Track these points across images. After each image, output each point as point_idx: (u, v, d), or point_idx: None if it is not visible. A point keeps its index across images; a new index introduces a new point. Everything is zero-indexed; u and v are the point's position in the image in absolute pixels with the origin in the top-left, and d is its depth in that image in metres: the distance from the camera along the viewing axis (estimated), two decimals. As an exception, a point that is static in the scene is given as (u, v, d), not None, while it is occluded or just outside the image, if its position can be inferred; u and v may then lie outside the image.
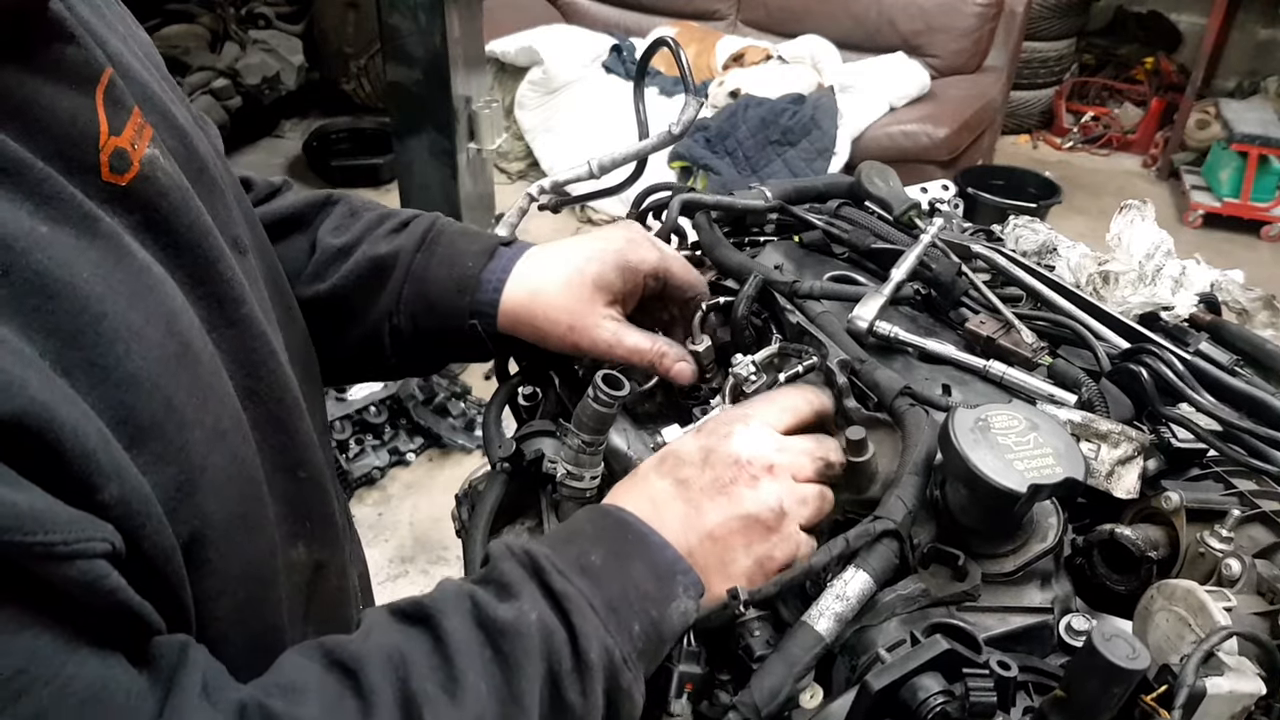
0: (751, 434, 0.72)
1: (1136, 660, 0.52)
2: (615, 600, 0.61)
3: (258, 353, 0.65)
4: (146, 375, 0.50)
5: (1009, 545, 0.69)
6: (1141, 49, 5.77)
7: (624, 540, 0.65)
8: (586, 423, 0.79)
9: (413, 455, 3.17)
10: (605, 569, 0.62)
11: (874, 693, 0.56)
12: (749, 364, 0.83)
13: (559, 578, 0.60)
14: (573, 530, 0.67)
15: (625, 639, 0.60)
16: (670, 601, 0.63)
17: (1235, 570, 0.67)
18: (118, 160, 0.54)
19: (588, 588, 0.60)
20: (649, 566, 0.64)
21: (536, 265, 0.87)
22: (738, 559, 0.67)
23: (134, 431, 0.49)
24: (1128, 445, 0.73)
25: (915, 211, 1.05)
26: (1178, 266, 1.01)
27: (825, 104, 3.90)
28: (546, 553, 0.62)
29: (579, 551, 0.63)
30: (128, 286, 0.52)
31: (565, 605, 0.59)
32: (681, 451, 0.72)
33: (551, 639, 0.58)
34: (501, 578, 0.61)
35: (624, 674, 0.59)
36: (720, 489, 0.69)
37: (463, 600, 0.59)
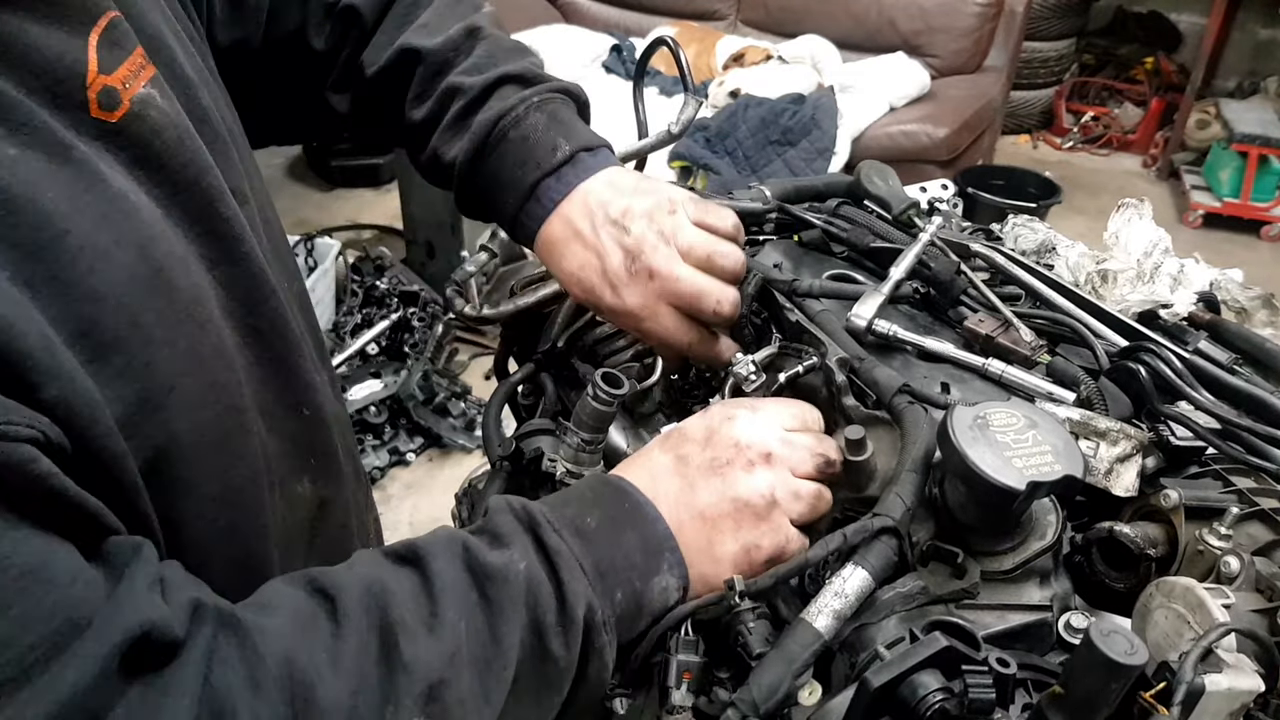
0: (756, 421, 0.73)
1: (1134, 656, 0.52)
2: (604, 564, 0.62)
3: (259, 290, 0.68)
4: (110, 292, 0.53)
5: (1008, 543, 0.69)
6: (1141, 49, 5.76)
7: (620, 508, 0.67)
8: (586, 421, 0.80)
9: (413, 455, 3.17)
10: (599, 532, 0.64)
11: (873, 690, 0.56)
12: (749, 363, 0.83)
13: (553, 534, 0.62)
14: (573, 493, 0.69)
15: (607, 603, 0.62)
16: (654, 575, 0.64)
17: (1234, 567, 0.67)
18: (105, 98, 0.56)
19: (580, 547, 0.62)
20: (640, 538, 0.65)
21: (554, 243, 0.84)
22: (725, 542, 0.68)
23: (96, 345, 0.51)
24: (1126, 443, 0.74)
25: (914, 210, 1.05)
26: (1176, 265, 1.01)
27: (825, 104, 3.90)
28: (544, 510, 0.64)
29: (575, 513, 0.65)
30: (97, 210, 0.54)
31: (555, 560, 0.61)
32: (686, 429, 0.73)
33: (538, 590, 0.59)
34: (496, 528, 0.63)
35: (600, 635, 0.61)
36: (716, 469, 0.69)
37: (454, 544, 0.60)
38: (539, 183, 0.83)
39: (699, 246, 0.80)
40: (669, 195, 0.83)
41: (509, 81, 0.87)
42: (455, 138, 0.86)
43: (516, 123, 0.84)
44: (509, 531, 0.62)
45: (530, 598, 0.59)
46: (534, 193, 0.83)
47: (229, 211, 0.65)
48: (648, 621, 0.65)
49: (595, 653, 0.61)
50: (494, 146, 0.85)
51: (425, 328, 3.38)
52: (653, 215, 0.81)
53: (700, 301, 0.80)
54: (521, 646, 0.58)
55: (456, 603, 0.57)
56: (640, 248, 0.80)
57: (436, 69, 0.88)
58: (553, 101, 0.87)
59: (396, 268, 3.56)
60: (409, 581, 0.58)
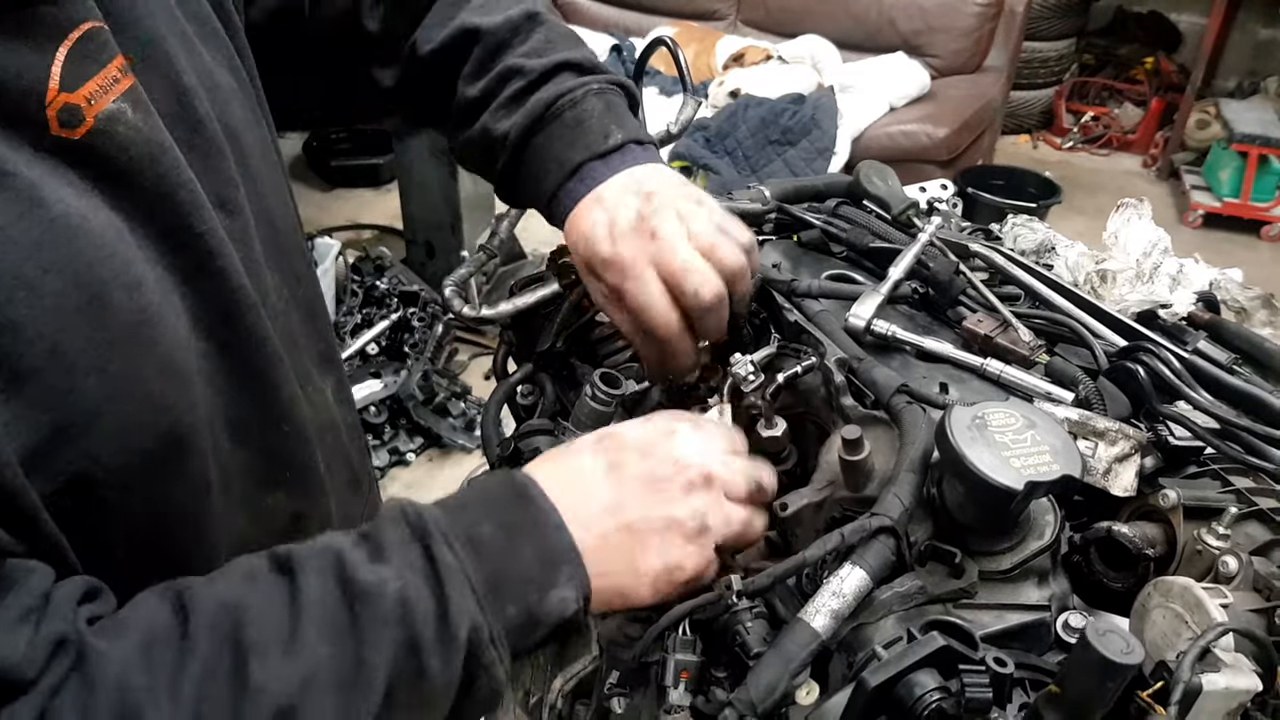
0: (699, 439, 0.71)
1: (1131, 655, 0.52)
2: (495, 578, 0.60)
3: (235, 306, 0.66)
4: (29, 322, 0.52)
5: (1006, 543, 0.69)
6: (1141, 49, 5.76)
7: (522, 515, 0.64)
8: (585, 421, 0.80)
9: (413, 455, 3.17)
10: (493, 543, 0.62)
11: (870, 689, 0.56)
12: (747, 363, 0.83)
13: (444, 548, 0.60)
14: (474, 495, 0.66)
15: (498, 618, 0.60)
16: (551, 589, 0.62)
17: (1232, 567, 0.67)
18: (67, 115, 0.55)
19: (470, 561, 0.60)
20: (537, 549, 0.63)
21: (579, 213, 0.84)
22: (649, 558, 0.66)
23: (9, 373, 0.51)
24: (1125, 443, 0.74)
25: (913, 211, 1.05)
26: (1175, 265, 1.01)
27: (825, 104, 3.90)
28: (438, 518, 0.62)
29: (471, 520, 0.62)
30: (30, 236, 0.53)
31: (442, 574, 0.59)
32: (624, 436, 0.71)
33: (414, 607, 0.57)
34: (380, 539, 0.60)
35: (488, 652, 0.59)
36: (653, 484, 0.68)
37: (329, 556, 0.58)
38: (585, 163, 0.84)
39: (706, 235, 0.80)
40: (702, 193, 0.84)
41: (568, 68, 0.87)
42: (508, 115, 0.87)
43: (573, 104, 0.85)
44: (392, 543, 0.60)
45: (407, 616, 0.57)
46: (578, 172, 0.84)
47: (205, 226, 0.64)
48: (544, 632, 0.63)
49: (483, 670, 0.59)
50: (547, 124, 0.85)
51: (425, 328, 3.38)
52: (678, 197, 0.81)
53: (686, 277, 0.78)
54: (392, 666, 0.56)
55: (320, 622, 0.55)
56: (653, 212, 0.80)
57: (494, 48, 0.89)
58: (610, 92, 0.88)
59: (396, 268, 3.56)
60: (274, 596, 0.56)
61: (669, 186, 0.83)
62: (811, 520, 0.76)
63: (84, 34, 0.57)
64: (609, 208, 0.81)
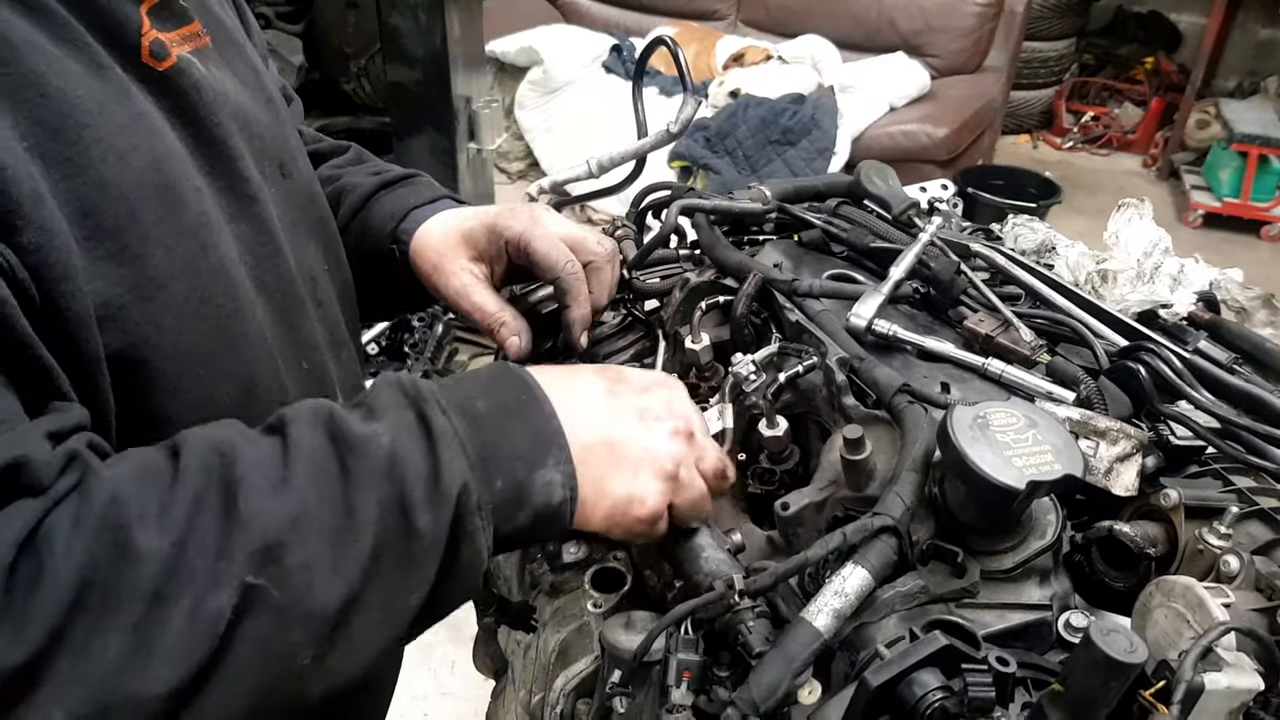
0: (691, 404, 0.75)
1: (1134, 654, 0.52)
2: (486, 449, 0.61)
3: (265, 248, 0.73)
4: (116, 184, 0.59)
5: (1008, 542, 0.69)
6: (1141, 49, 5.76)
7: (516, 397, 0.66)
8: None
9: (413, 455, 3.16)
10: (487, 417, 0.63)
11: (872, 689, 0.56)
12: (749, 363, 0.83)
13: (438, 412, 0.61)
14: (469, 376, 0.69)
15: (485, 488, 0.61)
16: (539, 468, 0.63)
17: (1234, 566, 0.67)
18: (158, 47, 0.65)
19: (464, 428, 0.61)
20: (529, 428, 0.64)
21: (447, 213, 0.94)
22: (618, 481, 0.67)
23: (94, 226, 0.58)
24: (1126, 442, 0.74)
25: (914, 210, 1.05)
26: (1176, 264, 1.01)
27: (825, 104, 3.90)
28: (434, 388, 0.64)
29: (466, 394, 0.64)
30: (121, 118, 0.61)
31: (435, 436, 0.60)
32: (626, 372, 0.75)
33: (405, 464, 0.58)
34: (373, 402, 0.62)
35: (474, 518, 0.60)
36: (643, 416, 0.70)
37: (321, 413, 0.60)
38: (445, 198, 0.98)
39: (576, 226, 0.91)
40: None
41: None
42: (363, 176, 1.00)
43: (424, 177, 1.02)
44: (384, 405, 0.61)
45: (395, 471, 0.58)
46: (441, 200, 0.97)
47: (248, 172, 0.72)
48: (528, 516, 0.63)
49: (467, 536, 0.59)
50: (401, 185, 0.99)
51: (425, 328, 3.38)
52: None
53: (582, 232, 0.90)
54: (381, 521, 0.56)
55: (310, 469, 0.56)
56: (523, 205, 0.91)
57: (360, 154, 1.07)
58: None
59: (396, 268, 3.55)
60: (266, 445, 0.58)
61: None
62: (813, 520, 0.76)
63: (161, 1, 0.67)
64: (485, 209, 0.92)
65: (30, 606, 0.47)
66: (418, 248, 0.92)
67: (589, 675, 0.81)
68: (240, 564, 0.52)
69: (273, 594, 0.53)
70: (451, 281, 0.90)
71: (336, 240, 0.90)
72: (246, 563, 0.52)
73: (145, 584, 0.50)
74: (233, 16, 0.83)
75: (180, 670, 0.50)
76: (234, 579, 0.52)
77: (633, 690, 0.70)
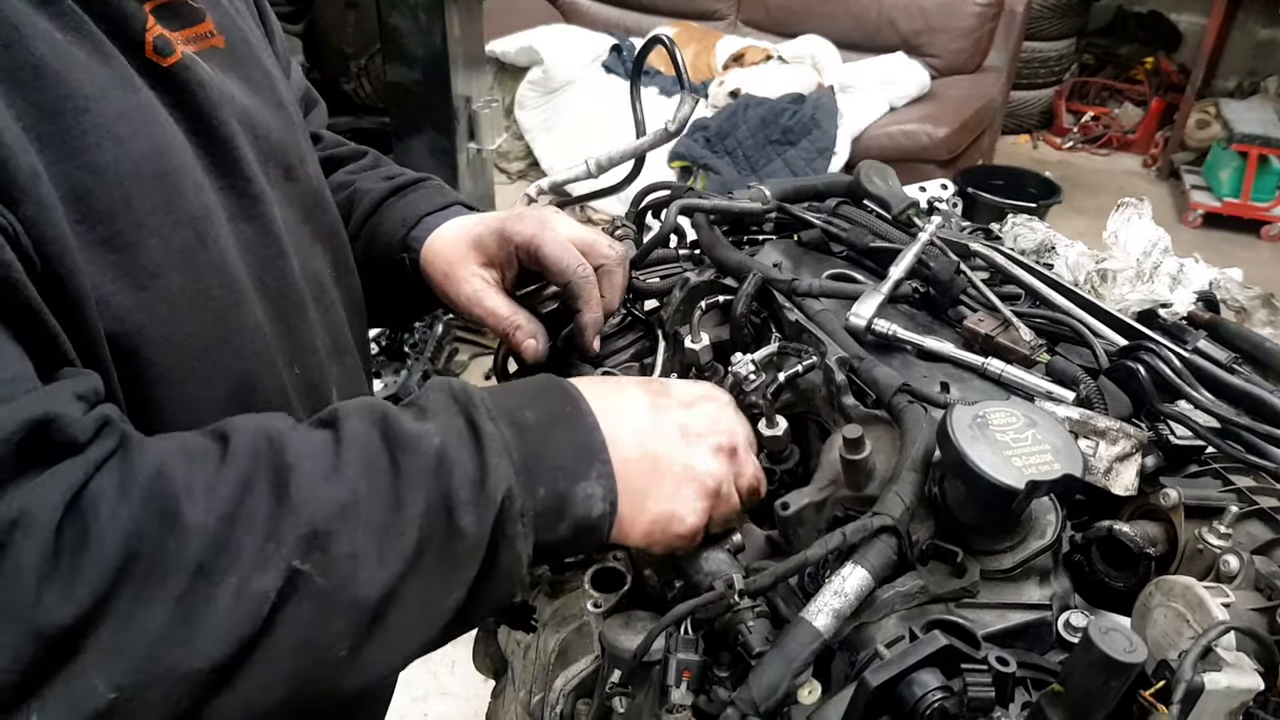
0: (735, 417, 0.75)
1: (1134, 654, 0.52)
2: (531, 458, 0.62)
3: (268, 249, 0.73)
4: (112, 170, 0.59)
5: (1007, 542, 0.69)
6: (1141, 49, 5.76)
7: (561, 409, 0.66)
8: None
9: (413, 455, 3.16)
10: (534, 427, 0.64)
11: (872, 689, 0.56)
12: (748, 362, 0.83)
13: (486, 418, 0.62)
14: (516, 386, 0.70)
15: (529, 495, 0.61)
16: (580, 480, 0.64)
17: (1233, 566, 0.67)
18: (162, 43, 0.65)
19: (512, 436, 0.62)
20: (574, 440, 0.65)
21: (457, 220, 0.93)
22: (659, 497, 0.68)
23: (87, 210, 0.57)
24: (1126, 442, 0.74)
25: (914, 210, 1.05)
26: (1175, 264, 1.01)
27: (825, 104, 3.90)
28: (483, 395, 0.65)
29: (515, 404, 0.65)
30: (122, 104, 0.61)
31: (483, 440, 0.60)
32: (671, 385, 0.75)
33: (453, 464, 0.59)
34: (426, 403, 0.63)
35: (515, 524, 0.60)
36: (687, 433, 0.70)
37: (375, 411, 0.61)
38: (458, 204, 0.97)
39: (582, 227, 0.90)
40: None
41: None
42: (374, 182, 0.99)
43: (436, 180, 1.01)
44: (437, 407, 0.62)
45: (443, 470, 0.58)
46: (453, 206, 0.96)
47: (250, 171, 0.71)
48: (569, 527, 0.64)
49: (508, 540, 0.60)
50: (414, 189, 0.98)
51: (425, 328, 3.38)
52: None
53: (592, 235, 0.89)
54: (426, 517, 0.57)
55: (361, 461, 0.57)
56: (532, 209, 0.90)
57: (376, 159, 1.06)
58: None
59: (396, 268, 3.56)
60: (317, 436, 0.58)
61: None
62: (813, 520, 0.76)
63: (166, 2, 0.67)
64: (494, 215, 0.91)
65: (78, 570, 0.47)
66: (428, 256, 0.92)
67: (589, 675, 0.81)
68: (289, 547, 0.52)
69: (317, 580, 0.53)
70: (463, 289, 0.89)
71: (345, 247, 0.90)
72: (295, 547, 0.52)
73: (192, 558, 0.50)
74: (250, 20, 0.83)
75: (223, 647, 0.50)
76: (281, 562, 0.52)
77: (632, 690, 0.70)
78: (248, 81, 0.76)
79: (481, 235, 0.90)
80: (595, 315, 0.88)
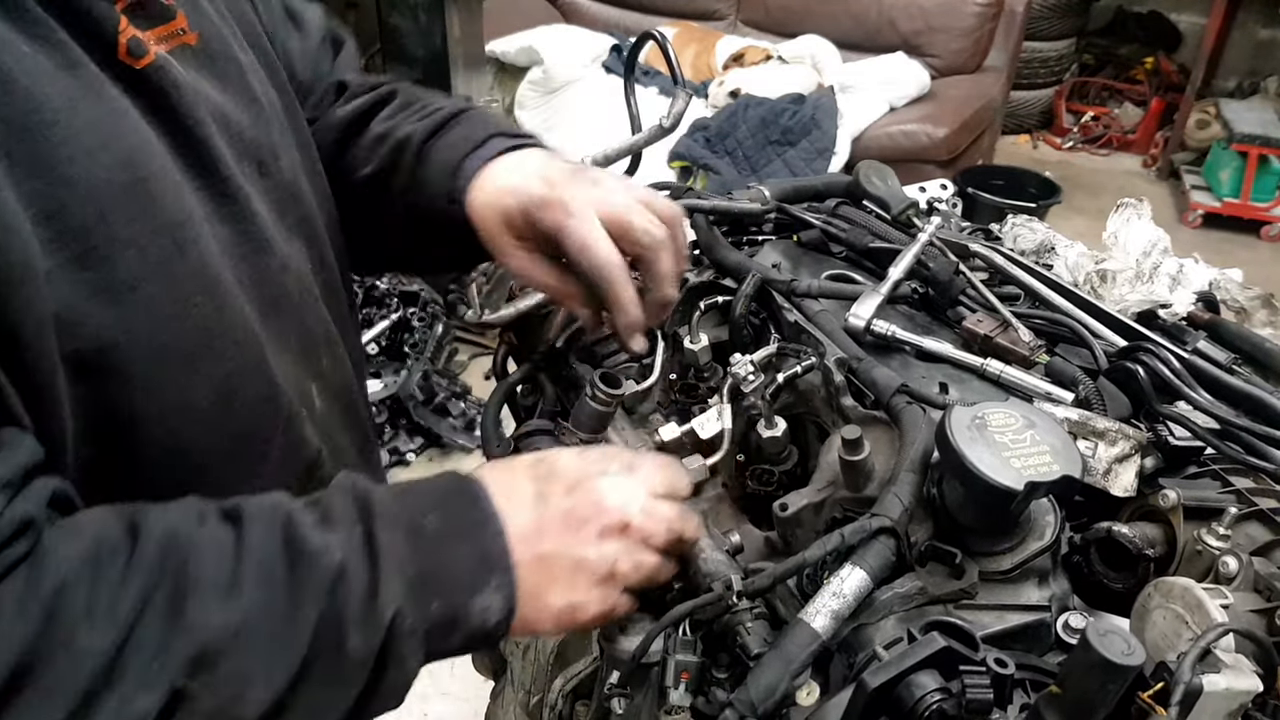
0: (626, 485, 0.70)
1: (1132, 656, 0.52)
2: (427, 573, 0.61)
3: (250, 246, 0.72)
4: (84, 183, 0.57)
5: (1006, 543, 0.69)
6: (1141, 49, 5.76)
7: (465, 514, 0.65)
8: (585, 421, 0.80)
9: (413, 455, 3.16)
10: (433, 537, 0.62)
11: (870, 690, 0.56)
12: (747, 363, 0.83)
13: (385, 530, 0.61)
14: (424, 485, 0.68)
15: (422, 612, 0.60)
16: (479, 592, 0.62)
17: (1232, 568, 0.67)
18: (135, 44, 0.63)
19: (407, 550, 0.61)
20: (475, 550, 0.63)
21: (494, 170, 0.85)
22: (555, 594, 0.66)
23: (61, 228, 0.56)
24: (1125, 443, 0.73)
25: (913, 211, 1.05)
26: (1175, 265, 1.01)
27: (825, 104, 3.90)
28: (384, 500, 0.63)
29: (418, 509, 0.63)
30: (92, 114, 0.59)
31: (379, 555, 0.59)
32: (557, 466, 0.71)
33: (350, 581, 0.58)
34: (329, 508, 0.62)
35: (404, 642, 0.60)
36: (570, 523, 0.68)
37: (279, 513, 0.60)
38: (495, 136, 0.87)
39: (640, 188, 0.82)
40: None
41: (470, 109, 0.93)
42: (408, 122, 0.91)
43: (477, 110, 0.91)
44: (340, 515, 0.61)
45: (339, 587, 0.58)
46: (488, 142, 0.86)
47: (228, 171, 0.70)
48: (462, 638, 0.63)
49: (395, 660, 0.60)
50: (451, 127, 0.89)
51: (425, 328, 3.38)
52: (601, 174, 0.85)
53: (631, 215, 0.79)
54: (316, 634, 0.56)
55: (259, 574, 0.56)
56: (586, 169, 0.84)
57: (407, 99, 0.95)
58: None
59: (396, 268, 3.56)
60: (221, 538, 0.57)
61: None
62: (811, 521, 0.76)
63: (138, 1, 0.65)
64: (536, 163, 0.83)
65: None
66: (472, 211, 0.85)
67: (587, 676, 0.81)
68: (174, 667, 0.52)
69: (200, 699, 0.53)
70: (509, 262, 0.85)
71: (320, 238, 0.86)
72: (181, 667, 0.52)
73: (82, 681, 0.50)
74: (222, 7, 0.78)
75: None
76: (165, 682, 0.52)
77: (631, 691, 0.70)
78: (220, 77, 0.74)
79: (510, 210, 0.83)
80: (628, 318, 0.81)
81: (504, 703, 1.06)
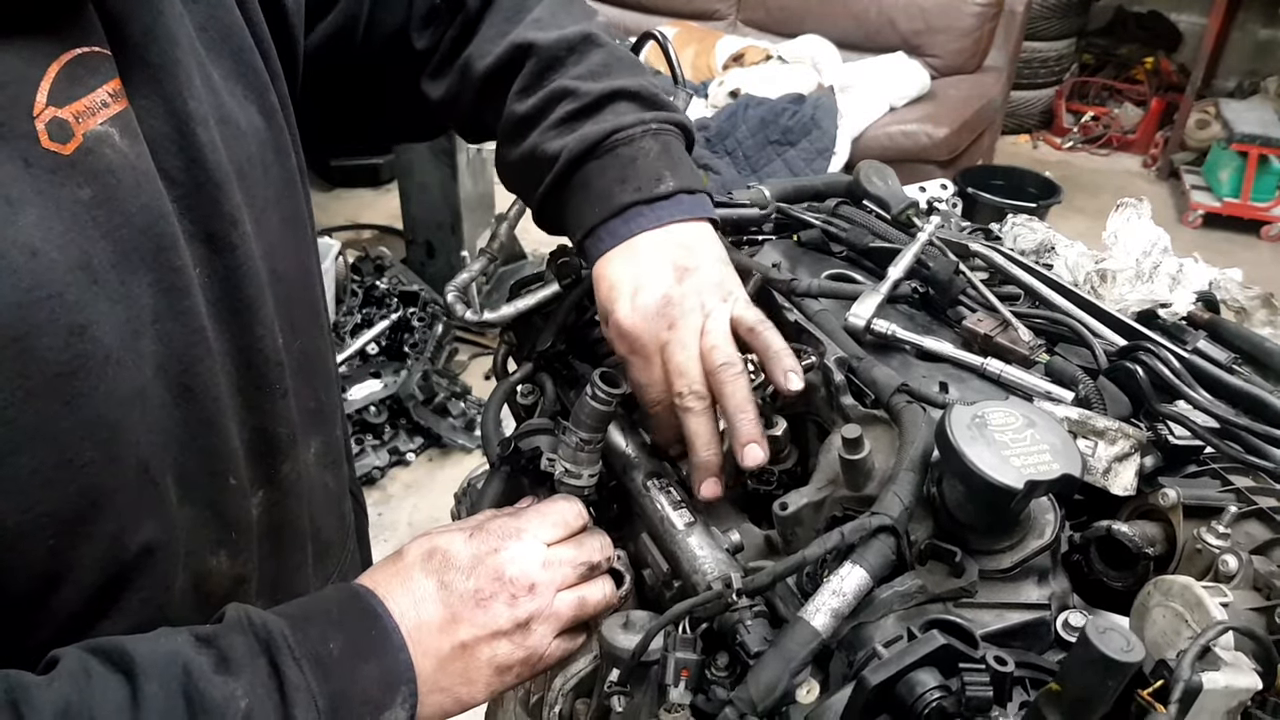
0: (521, 550, 0.72)
1: (1131, 653, 0.52)
2: (338, 698, 0.61)
3: (195, 349, 0.65)
4: None
5: (1006, 542, 0.69)
6: (1141, 49, 5.77)
7: (367, 634, 0.65)
8: (585, 421, 0.80)
9: (413, 455, 3.17)
10: (339, 662, 0.62)
11: (870, 688, 0.56)
12: (748, 362, 0.83)
13: (291, 664, 0.60)
14: (319, 608, 0.67)
15: None
16: (386, 709, 0.63)
17: (1232, 566, 0.67)
18: (56, 128, 0.55)
19: (316, 680, 0.60)
20: (381, 670, 0.64)
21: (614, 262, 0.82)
22: (480, 666, 0.69)
23: None
24: (1125, 442, 0.74)
25: (913, 210, 1.05)
26: (1175, 264, 1.01)
27: (825, 104, 3.90)
28: (285, 631, 0.62)
29: (318, 636, 0.63)
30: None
31: (289, 694, 0.59)
32: (450, 553, 0.71)
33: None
34: (228, 649, 0.60)
35: None
36: (479, 602, 0.69)
37: (174, 664, 0.57)
38: (631, 206, 0.82)
39: (720, 350, 0.79)
40: (734, 284, 0.84)
41: (625, 97, 0.86)
42: (560, 136, 0.84)
43: (629, 141, 0.83)
44: (240, 656, 0.59)
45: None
46: (624, 213, 0.82)
47: (178, 261, 0.63)
48: None
49: None
50: (600, 156, 0.83)
51: (425, 328, 3.38)
52: (709, 285, 0.81)
53: (676, 380, 0.79)
54: None
55: None
56: (682, 298, 0.80)
57: (547, 65, 0.87)
58: (667, 133, 0.86)
59: (396, 268, 3.56)
60: (118, 702, 0.54)
61: (707, 265, 0.82)
62: (811, 519, 0.76)
63: (76, 57, 0.57)
64: (641, 268, 0.80)
65: None
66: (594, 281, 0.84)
67: (587, 674, 0.81)
68: None
69: None
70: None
71: (288, 302, 0.77)
72: None
73: None
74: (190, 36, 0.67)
75: None
76: None
77: (631, 689, 0.70)
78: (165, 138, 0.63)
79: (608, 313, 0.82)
80: (703, 457, 0.79)
81: (504, 701, 1.06)
